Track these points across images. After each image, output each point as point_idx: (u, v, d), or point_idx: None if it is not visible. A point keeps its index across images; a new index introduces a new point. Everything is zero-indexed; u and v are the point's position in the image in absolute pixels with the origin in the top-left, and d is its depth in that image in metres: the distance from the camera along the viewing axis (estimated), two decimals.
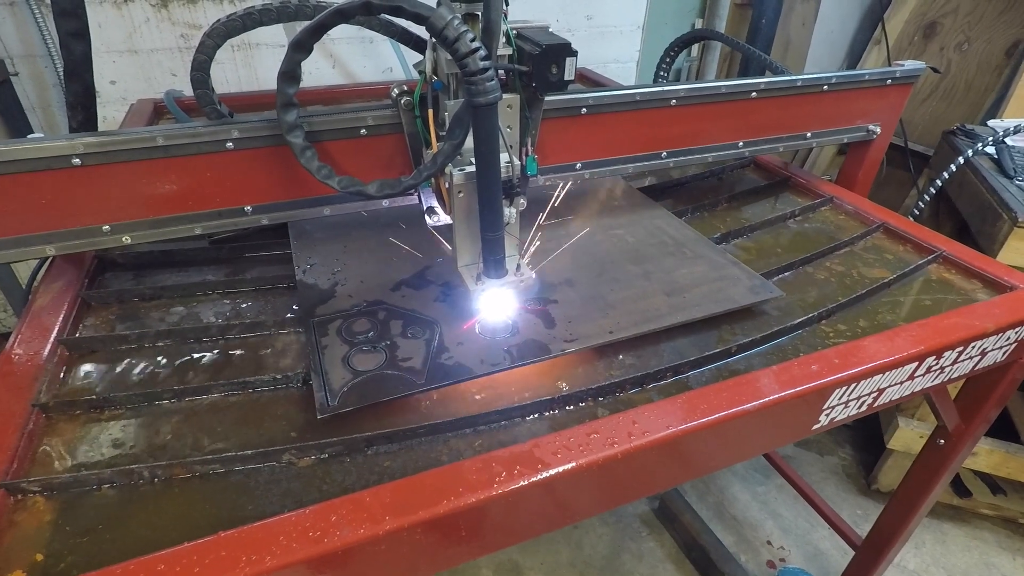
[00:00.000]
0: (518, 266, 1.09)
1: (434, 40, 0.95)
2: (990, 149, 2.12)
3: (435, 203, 1.12)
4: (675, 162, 1.48)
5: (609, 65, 3.04)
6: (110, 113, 2.33)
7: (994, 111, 2.79)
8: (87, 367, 1.01)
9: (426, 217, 1.13)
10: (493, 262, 1.04)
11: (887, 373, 1.05)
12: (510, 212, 1.05)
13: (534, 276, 1.10)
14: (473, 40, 0.83)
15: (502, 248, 1.04)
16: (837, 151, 3.25)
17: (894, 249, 1.45)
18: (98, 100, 1.23)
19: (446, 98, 1.03)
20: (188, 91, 1.21)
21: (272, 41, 2.43)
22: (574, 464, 0.81)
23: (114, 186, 1.06)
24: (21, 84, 2.25)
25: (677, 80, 2.69)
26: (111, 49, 2.25)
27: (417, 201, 1.17)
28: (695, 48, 3.35)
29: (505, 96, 1.01)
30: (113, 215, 1.08)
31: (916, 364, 1.08)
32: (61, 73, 2.22)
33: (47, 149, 0.99)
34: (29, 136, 1.02)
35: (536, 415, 0.94)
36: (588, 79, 2.53)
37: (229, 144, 1.09)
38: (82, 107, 1.17)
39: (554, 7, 2.80)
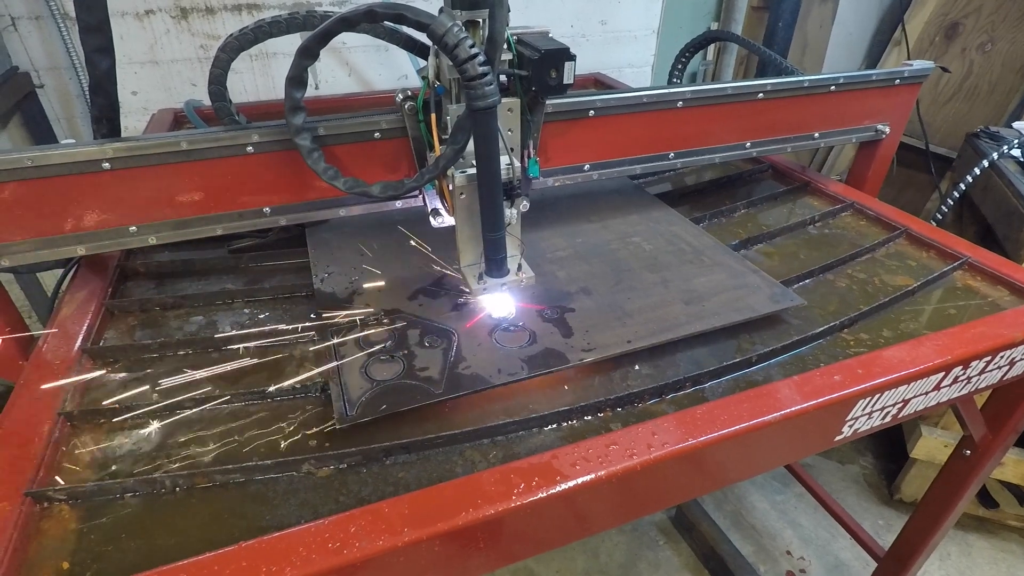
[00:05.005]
0: (519, 266, 1.11)
1: (435, 46, 0.97)
2: (1016, 152, 2.07)
3: (439, 205, 1.14)
4: (682, 163, 1.48)
5: (624, 70, 3.04)
6: (131, 123, 2.37)
7: (1019, 113, 2.74)
8: (111, 376, 1.03)
9: (431, 219, 1.15)
10: (494, 262, 1.07)
11: (912, 384, 1.03)
12: (511, 213, 1.07)
13: (534, 275, 1.12)
14: (472, 46, 0.85)
15: (503, 248, 1.06)
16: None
17: (917, 255, 1.43)
18: (120, 111, 1.26)
19: (448, 103, 1.05)
20: (207, 100, 1.24)
21: (289, 50, 2.45)
22: (593, 476, 0.80)
23: (141, 189, 1.10)
24: (46, 95, 2.30)
25: (692, 83, 2.67)
26: (132, 60, 2.29)
27: (422, 203, 1.19)
28: (711, 51, 3.33)
29: (506, 100, 1.03)
30: (139, 216, 1.12)
31: (942, 374, 1.06)
32: (85, 85, 2.27)
33: (79, 154, 1.03)
34: (62, 142, 1.05)
35: (554, 425, 0.94)
36: (602, 83, 2.53)
37: (249, 148, 1.12)
38: (107, 120, 1.20)
39: (568, 13, 2.80)
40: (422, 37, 0.95)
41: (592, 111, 1.31)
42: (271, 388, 0.98)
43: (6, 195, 1.02)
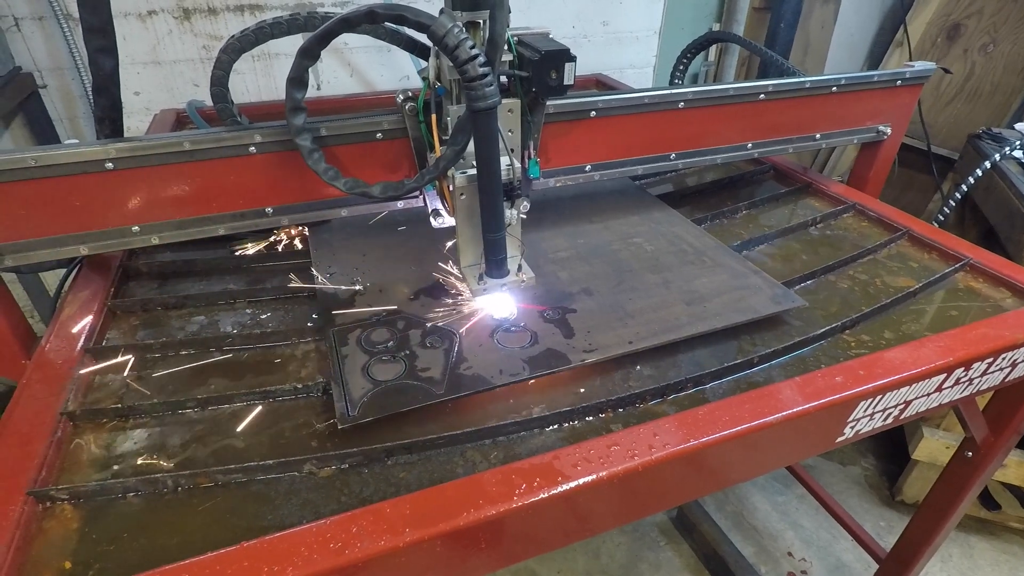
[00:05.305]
0: (519, 266, 1.11)
1: (436, 47, 0.97)
2: (1018, 153, 2.07)
3: (440, 205, 1.15)
4: (684, 164, 1.49)
5: (626, 71, 3.04)
6: (134, 123, 2.38)
7: (1021, 114, 2.74)
8: (113, 375, 1.03)
9: (431, 219, 1.15)
10: (495, 262, 1.07)
11: (914, 385, 1.03)
12: (511, 214, 1.08)
13: (534, 276, 1.12)
14: (472, 47, 0.85)
15: (503, 249, 1.06)
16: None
17: (919, 257, 1.43)
18: (123, 111, 1.26)
19: (449, 103, 1.05)
20: (210, 101, 1.24)
21: (291, 51, 2.46)
22: (594, 476, 0.80)
23: (143, 189, 1.10)
24: (49, 96, 2.30)
25: (694, 84, 2.68)
26: (135, 61, 2.29)
27: (423, 204, 1.19)
28: (712, 52, 3.33)
29: (506, 101, 1.03)
30: (142, 216, 1.12)
31: (944, 376, 1.05)
32: (87, 85, 2.27)
33: (82, 154, 1.03)
34: (65, 142, 1.06)
35: (555, 426, 0.94)
36: (604, 84, 2.53)
37: (252, 148, 1.12)
38: (109, 120, 1.20)
39: (570, 13, 2.80)
40: (423, 38, 0.95)
41: (594, 112, 1.32)
42: (273, 388, 0.98)
43: (9, 195, 1.02)
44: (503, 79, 1.04)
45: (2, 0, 2.08)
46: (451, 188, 1.06)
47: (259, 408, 0.96)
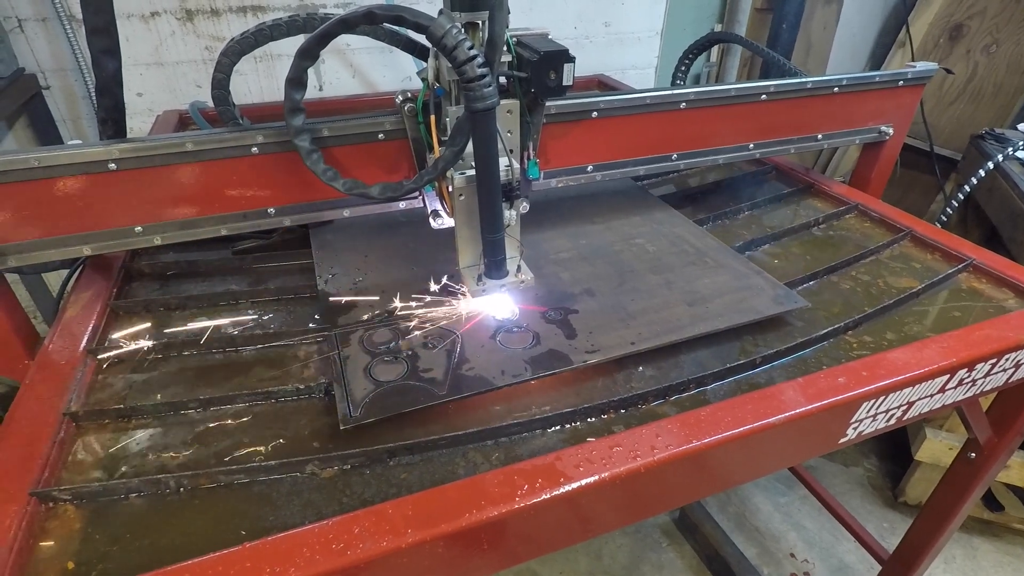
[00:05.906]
0: (518, 267, 1.11)
1: (435, 48, 0.97)
2: (1021, 154, 2.07)
3: (439, 206, 1.15)
4: (686, 164, 1.49)
5: (628, 71, 3.04)
6: (136, 124, 2.38)
7: None
8: (115, 376, 1.03)
9: (431, 220, 1.15)
10: (494, 263, 1.07)
11: (917, 386, 1.03)
12: (510, 215, 1.08)
13: (533, 277, 1.12)
14: (471, 48, 0.85)
15: (502, 250, 1.06)
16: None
17: (921, 257, 1.42)
18: (126, 112, 1.26)
19: (448, 104, 1.05)
20: (212, 102, 1.24)
21: (293, 52, 2.47)
22: (597, 477, 0.80)
23: (146, 189, 1.10)
24: (52, 97, 2.31)
25: (696, 85, 2.67)
26: (138, 62, 2.30)
27: (422, 205, 1.20)
28: (715, 53, 3.33)
29: (505, 102, 1.03)
30: (145, 217, 1.12)
31: (947, 377, 1.05)
32: (91, 86, 2.27)
33: (85, 155, 1.03)
34: (68, 142, 1.06)
35: (557, 427, 0.94)
36: (606, 85, 2.53)
37: (254, 149, 1.12)
38: (112, 122, 1.20)
39: (572, 14, 2.80)
40: (422, 39, 0.95)
41: (595, 112, 1.32)
42: (275, 389, 0.98)
43: (12, 195, 1.02)
44: (502, 80, 1.04)
45: (5, 1, 2.09)
46: (450, 189, 1.06)
47: (261, 409, 0.96)
